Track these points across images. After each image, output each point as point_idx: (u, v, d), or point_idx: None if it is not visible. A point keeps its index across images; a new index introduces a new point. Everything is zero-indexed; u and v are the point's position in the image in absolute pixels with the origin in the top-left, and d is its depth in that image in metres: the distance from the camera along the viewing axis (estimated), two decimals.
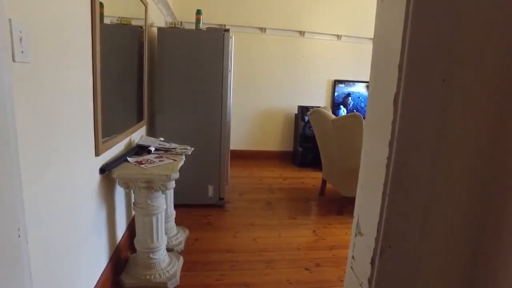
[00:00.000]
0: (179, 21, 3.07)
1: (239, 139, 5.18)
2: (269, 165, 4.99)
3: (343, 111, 5.31)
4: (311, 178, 4.45)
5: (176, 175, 1.84)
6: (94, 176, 1.67)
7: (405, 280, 0.73)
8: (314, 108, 3.47)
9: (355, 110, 5.33)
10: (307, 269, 2.31)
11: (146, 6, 2.73)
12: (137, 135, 2.62)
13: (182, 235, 2.54)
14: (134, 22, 2.59)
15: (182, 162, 2.14)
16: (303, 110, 4.90)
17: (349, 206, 3.45)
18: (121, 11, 2.35)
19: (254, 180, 4.22)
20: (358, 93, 5.31)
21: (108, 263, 1.89)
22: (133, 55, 2.60)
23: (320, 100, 5.32)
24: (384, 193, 0.68)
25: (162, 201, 1.98)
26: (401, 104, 0.64)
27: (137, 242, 1.98)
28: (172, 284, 1.96)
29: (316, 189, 4.00)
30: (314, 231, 2.90)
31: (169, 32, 2.93)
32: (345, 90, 5.25)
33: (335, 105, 5.27)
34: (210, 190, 3.21)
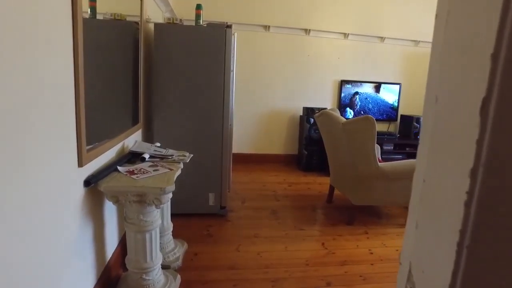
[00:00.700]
0: (178, 18, 2.86)
1: (242, 142, 4.97)
2: (273, 169, 4.77)
3: (350, 113, 5.09)
4: (318, 184, 4.23)
5: (172, 188, 1.62)
6: (78, 190, 1.46)
7: None
8: (322, 110, 3.25)
9: (362, 112, 5.11)
10: None
11: (142, 0, 2.52)
12: (132, 140, 2.41)
13: (180, 250, 2.32)
14: (131, 18, 2.39)
15: (179, 172, 1.93)
16: (309, 112, 4.69)
17: (360, 215, 3.23)
18: (116, 6, 2.15)
19: (258, 186, 4.00)
20: (366, 94, 5.09)
21: (96, 285, 1.68)
22: (128, 53, 2.39)
23: (326, 102, 5.10)
24: (461, 244, 0.47)
25: (157, 216, 1.77)
26: (494, 115, 0.43)
27: (129, 262, 1.77)
28: None
29: (323, 196, 3.78)
30: (323, 244, 2.67)
31: (167, 28, 2.72)
32: (352, 91, 5.03)
33: (342, 107, 5.05)
34: (211, 199, 3.00)
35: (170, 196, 1.78)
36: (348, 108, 5.08)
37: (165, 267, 2.06)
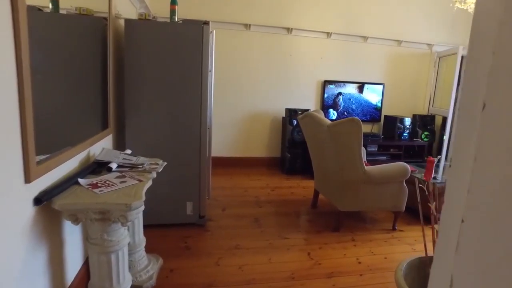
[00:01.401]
0: (151, 13, 2.65)
1: (222, 145, 4.78)
2: (256, 173, 4.60)
3: (334, 114, 4.98)
4: (302, 188, 4.09)
5: (139, 203, 1.43)
6: (25, 210, 1.24)
7: None
8: (306, 112, 3.11)
9: (346, 113, 5.01)
10: None
11: None
12: (100, 147, 2.19)
13: (154, 266, 2.12)
14: (101, 14, 2.17)
15: (150, 183, 1.73)
16: (291, 113, 4.55)
17: (346, 221, 3.10)
18: (83, 1, 1.93)
19: (239, 192, 3.82)
20: (349, 94, 4.99)
21: None
22: (95, 52, 2.17)
23: (309, 102, 4.98)
24: None
25: (124, 234, 1.57)
26: None
27: (92, 287, 1.56)
28: None
29: (308, 201, 3.64)
30: (309, 254, 2.53)
31: (138, 25, 2.51)
32: (335, 91, 4.93)
33: (325, 108, 4.94)
34: (189, 207, 2.80)
35: (140, 211, 1.59)
36: (332, 109, 4.97)
37: None
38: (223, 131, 4.74)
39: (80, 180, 1.58)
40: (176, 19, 2.66)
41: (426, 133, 5.09)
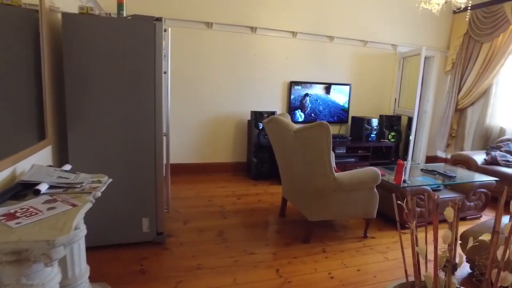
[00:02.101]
0: (98, 8, 2.34)
1: (185, 151, 4.49)
2: (221, 180, 4.36)
3: (301, 116, 4.84)
4: (269, 194, 3.90)
5: (66, 238, 1.15)
6: None
7: None
8: (271, 116, 2.91)
9: (313, 115, 4.89)
10: None
11: None
12: (33, 162, 1.86)
13: None
14: (32, 6, 1.84)
15: (88, 206, 1.45)
16: (257, 116, 4.35)
17: (316, 229, 2.94)
18: None
19: (203, 202, 3.56)
20: (316, 96, 4.87)
21: None
22: (25, 50, 1.84)
23: (275, 104, 4.80)
24: None
25: (52, 274, 1.28)
26: None
27: None
28: None
29: (276, 209, 3.45)
30: (278, 271, 2.33)
31: (79, 20, 2.18)
32: (302, 93, 4.79)
33: (292, 109, 4.78)
34: (145, 224, 2.51)
35: (79, 239, 1.31)
36: (298, 111, 4.82)
37: None
38: (185, 136, 4.46)
39: None
40: (125, 14, 2.37)
41: (393, 134, 5.08)
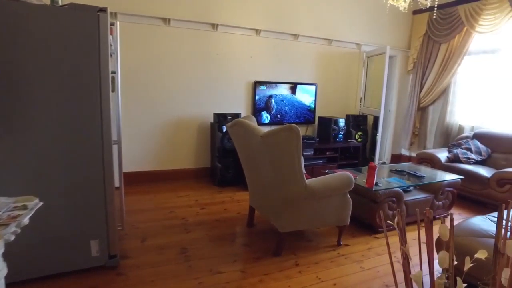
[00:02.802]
0: None
1: (143, 158, 4.13)
2: (183, 188, 4.05)
3: (267, 118, 4.65)
4: (236, 202, 3.65)
5: None
6: None
7: None
8: (235, 119, 2.67)
9: (279, 116, 4.71)
10: None
11: None
12: None
13: None
14: None
15: (7, 241, 1.13)
16: (220, 119, 4.09)
17: (288, 240, 2.74)
18: None
19: (163, 214, 3.25)
20: (282, 96, 4.70)
21: None
22: None
23: (240, 106, 4.57)
24: None
25: None
26: None
27: None
28: None
29: (243, 218, 3.22)
30: None
31: (4, 6, 1.81)
32: (267, 93, 4.59)
33: (257, 111, 4.57)
34: (94, 247, 2.17)
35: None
36: (264, 112, 4.62)
37: None
38: (142, 142, 4.10)
39: None
40: (60, 3, 2.02)
41: (360, 134, 5.03)
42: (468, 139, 4.60)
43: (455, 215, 3.63)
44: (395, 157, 6.01)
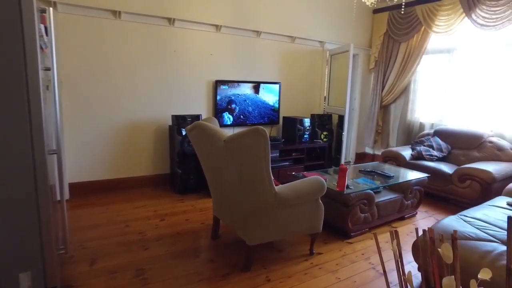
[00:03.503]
0: None
1: (95, 166, 3.71)
2: (141, 197, 3.69)
3: (229, 119, 4.40)
4: (198, 211, 3.37)
5: None
6: None
7: None
8: (195, 122, 2.40)
9: (242, 116, 4.49)
10: None
11: None
12: None
13: None
14: None
15: None
16: (179, 121, 3.78)
17: (257, 252, 2.52)
18: None
19: (117, 229, 2.90)
20: (244, 96, 4.47)
21: None
22: None
23: (200, 107, 4.28)
24: None
25: None
26: None
27: None
28: None
29: (207, 229, 2.96)
30: None
31: None
32: (229, 93, 4.34)
33: (219, 112, 4.31)
34: (25, 281, 1.80)
35: None
36: (226, 113, 4.37)
37: None
38: (93, 149, 3.68)
39: None
40: None
41: (325, 133, 4.93)
42: (429, 136, 4.65)
43: (422, 213, 3.61)
44: (359, 156, 6.01)
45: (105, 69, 3.63)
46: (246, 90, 4.48)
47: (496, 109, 4.30)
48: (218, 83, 4.24)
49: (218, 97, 4.27)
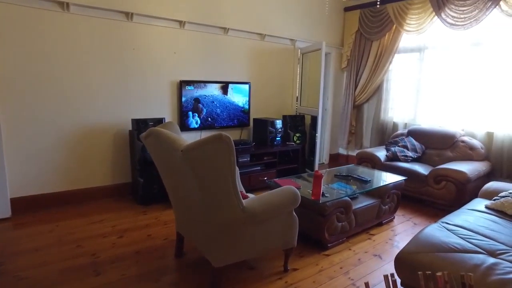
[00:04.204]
0: None
1: (46, 178, 3.30)
2: (98, 210, 3.33)
3: (196, 122, 4.10)
4: (162, 225, 3.06)
5: None
6: None
7: None
8: (150, 129, 2.10)
9: (210, 119, 4.20)
10: None
11: None
12: None
13: None
14: None
15: None
16: (140, 126, 3.44)
17: (226, 272, 2.25)
18: None
19: (67, 251, 2.53)
20: (212, 97, 4.19)
21: None
22: None
23: (164, 109, 3.95)
24: None
25: None
26: None
27: None
28: None
29: (171, 245, 2.66)
30: None
31: None
32: (195, 94, 4.05)
33: (184, 114, 4.00)
34: None
35: None
36: (192, 116, 4.07)
37: None
38: (42, 159, 3.27)
39: None
40: None
41: (298, 135, 4.73)
42: (403, 136, 4.56)
43: (399, 217, 3.48)
44: (333, 157, 5.88)
45: (56, 69, 3.24)
46: (214, 91, 4.19)
47: (467, 108, 4.27)
48: (183, 84, 3.93)
49: (183, 99, 3.96)
